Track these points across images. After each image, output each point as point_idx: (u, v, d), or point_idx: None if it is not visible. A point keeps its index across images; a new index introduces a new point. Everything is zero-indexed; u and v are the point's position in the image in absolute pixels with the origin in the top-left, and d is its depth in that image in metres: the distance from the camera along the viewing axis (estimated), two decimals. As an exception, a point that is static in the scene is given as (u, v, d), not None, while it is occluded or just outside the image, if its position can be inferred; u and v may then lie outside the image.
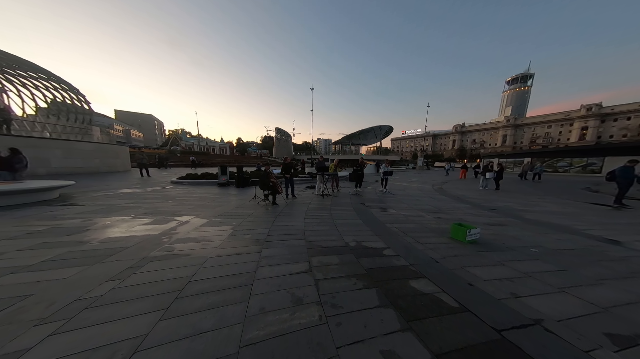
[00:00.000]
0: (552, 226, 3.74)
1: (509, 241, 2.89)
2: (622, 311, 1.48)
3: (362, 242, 2.69)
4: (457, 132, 75.49)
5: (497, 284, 1.80)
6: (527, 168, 14.00)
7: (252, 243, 2.58)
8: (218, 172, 8.62)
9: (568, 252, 2.54)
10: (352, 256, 2.26)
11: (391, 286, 1.72)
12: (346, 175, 12.37)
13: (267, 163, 5.61)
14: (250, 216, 3.90)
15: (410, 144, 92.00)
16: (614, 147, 19.22)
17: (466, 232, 2.83)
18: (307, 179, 11.08)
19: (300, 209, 4.64)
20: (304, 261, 2.12)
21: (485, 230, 3.39)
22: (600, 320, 1.38)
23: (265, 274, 1.85)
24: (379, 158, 35.77)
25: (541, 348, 1.15)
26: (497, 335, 1.22)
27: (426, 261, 2.21)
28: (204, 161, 26.06)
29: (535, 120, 58.41)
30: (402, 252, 2.43)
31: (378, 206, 5.25)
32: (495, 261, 2.28)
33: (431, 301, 1.54)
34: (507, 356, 1.10)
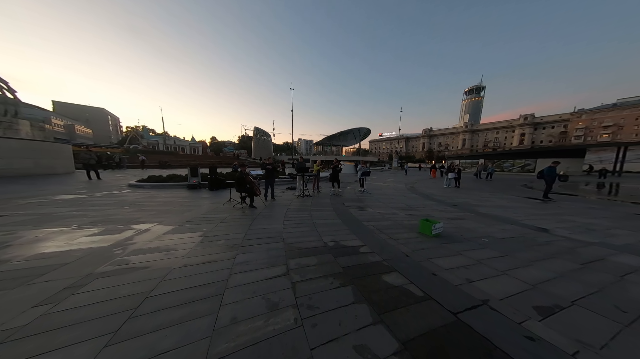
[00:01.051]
0: (498, 218, 4.38)
1: (466, 233, 3.29)
2: (545, 286, 1.82)
3: (340, 242, 2.75)
4: (426, 135, 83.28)
5: (455, 272, 2.03)
6: (480, 168, 16.17)
7: (225, 249, 2.42)
8: (188, 174, 7.87)
9: (509, 240, 3.01)
10: (330, 256, 2.30)
11: (366, 282, 1.80)
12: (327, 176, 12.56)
13: (243, 164, 5.34)
14: (225, 220, 3.66)
15: (386, 146, 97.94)
16: (543, 150, 23.53)
17: (432, 227, 3.13)
18: (288, 180, 10.91)
19: (280, 211, 4.54)
20: (281, 264, 2.08)
21: (448, 224, 3.80)
22: (530, 295, 1.67)
23: (238, 281, 1.75)
24: (357, 159, 37.23)
25: (486, 325, 1.33)
26: (453, 317, 1.38)
27: (398, 256, 2.37)
28: (171, 161, 23.53)
29: (486, 126, 68.03)
30: (377, 248, 2.56)
31: (357, 205, 5.44)
32: (455, 251, 2.56)
33: (400, 293, 1.66)
34: (461, 335, 1.25)
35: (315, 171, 7.84)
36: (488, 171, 15.24)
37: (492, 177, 15.17)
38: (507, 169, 22.47)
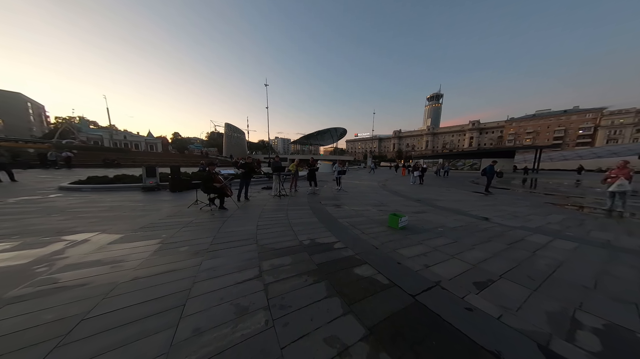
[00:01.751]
0: (452, 210, 5.07)
1: (426, 224, 3.71)
2: (482, 265, 2.20)
3: (315, 240, 2.80)
4: (396, 137, 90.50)
5: (416, 260, 2.29)
6: (439, 167, 18.41)
7: (189, 256, 2.21)
8: (143, 174, 6.85)
9: (459, 228, 3.52)
10: (305, 254, 2.32)
11: (338, 276, 1.88)
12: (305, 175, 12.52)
13: (212, 162, 4.90)
14: (189, 225, 3.33)
15: (361, 146, 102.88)
16: (486, 151, 28.04)
17: (398, 221, 3.44)
18: (264, 179, 10.51)
19: (254, 212, 4.35)
20: (253, 267, 2.00)
21: (412, 217, 4.23)
22: (471, 274, 2.00)
23: (204, 289, 1.63)
24: (335, 158, 38.18)
25: (437, 302, 1.55)
26: (412, 300, 1.56)
27: (368, 249, 2.54)
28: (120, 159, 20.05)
29: (444, 130, 77.64)
30: (350, 243, 2.69)
31: (333, 203, 5.59)
32: (416, 241, 2.88)
33: (369, 283, 1.78)
34: (418, 314, 1.42)
35: (292, 170, 7.75)
36: (445, 169, 17.44)
37: (449, 175, 17.43)
38: (460, 168, 26.14)
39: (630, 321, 1.39)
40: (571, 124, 52.87)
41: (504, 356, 1.09)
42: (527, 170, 20.82)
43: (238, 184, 5.54)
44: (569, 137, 52.65)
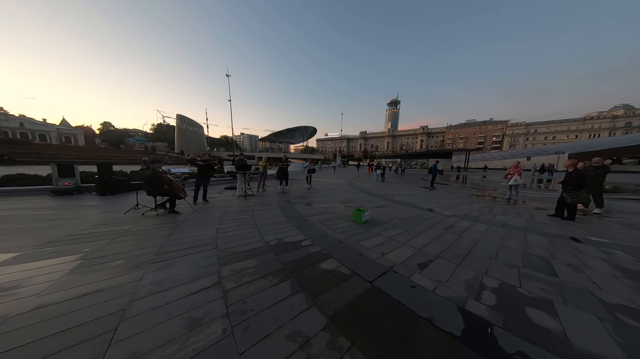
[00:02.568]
0: (405, 203, 5.84)
1: (385, 217, 4.16)
2: (425, 248, 2.63)
3: (283, 239, 2.76)
4: (362, 137, 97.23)
5: (375, 249, 2.55)
6: (397, 166, 20.80)
7: (125, 271, 1.85)
8: (53, 173, 5.26)
9: (410, 219, 4.09)
10: (271, 255, 2.27)
11: (304, 272, 1.92)
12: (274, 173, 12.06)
13: (158, 160, 4.16)
14: (127, 234, 2.77)
15: (331, 145, 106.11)
16: (432, 153, 33.22)
17: (362, 215, 3.74)
18: (228, 179, 9.62)
19: (214, 214, 3.95)
20: (211, 274, 1.83)
21: (373, 211, 4.66)
22: (416, 257, 2.37)
23: (145, 306, 1.40)
24: (306, 157, 38.21)
25: (389, 284, 1.78)
26: (369, 285, 1.75)
27: (334, 244, 2.68)
28: (13, 154, 14.78)
29: (401, 133, 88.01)
30: (317, 240, 2.77)
31: (303, 201, 5.60)
32: (376, 233, 3.20)
33: (333, 275, 1.89)
34: (373, 297, 1.60)
35: (261, 168, 7.35)
36: (402, 168, 19.82)
37: (405, 173, 19.89)
38: (413, 166, 30.22)
39: (514, 279, 1.93)
40: (488, 132, 68.09)
41: (435, 320, 1.36)
42: (459, 168, 25.82)
43: (194, 184, 4.92)
44: (487, 142, 67.70)
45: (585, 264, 2.26)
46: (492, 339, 1.22)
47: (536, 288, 1.78)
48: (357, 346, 1.13)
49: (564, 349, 1.17)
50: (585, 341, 1.23)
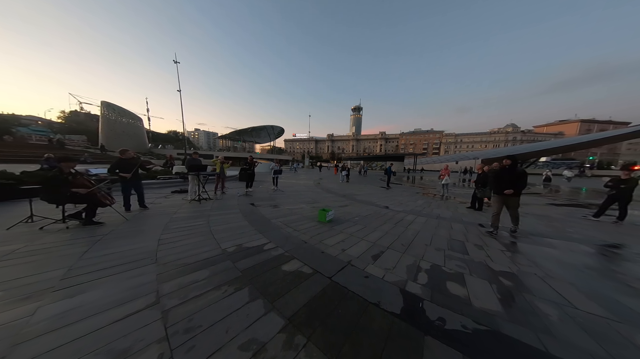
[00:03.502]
0: (366, 202, 6.41)
1: (347, 216, 4.47)
2: (379, 241, 2.97)
3: (243, 244, 2.60)
4: (330, 139, 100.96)
5: (336, 246, 2.71)
6: (361, 167, 22.57)
7: (7, 306, 1.36)
8: None
9: (369, 216, 4.53)
10: (228, 263, 2.10)
11: (265, 277, 1.87)
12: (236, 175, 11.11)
13: (68, 158, 3.20)
14: (12, 256, 2.04)
15: (300, 146, 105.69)
16: (389, 156, 37.53)
17: (326, 215, 3.90)
18: (176, 181, 8.29)
19: (156, 222, 3.35)
20: (146, 294, 1.56)
21: (338, 210, 4.92)
22: (371, 250, 2.66)
23: (33, 351, 1.07)
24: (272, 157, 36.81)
25: (347, 278, 1.94)
26: (329, 281, 1.86)
27: (298, 245, 2.70)
28: None
29: (364, 137, 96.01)
30: (281, 242, 2.74)
31: (268, 203, 5.39)
32: (339, 231, 3.40)
33: (295, 276, 1.92)
34: (332, 292, 1.71)
35: (217, 168, 6.64)
36: (365, 169, 21.61)
37: (367, 174, 21.76)
38: (374, 168, 33.38)
39: (440, 260, 2.41)
40: (430, 139, 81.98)
41: (382, 304, 1.57)
42: (409, 170, 30.19)
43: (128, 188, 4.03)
44: (429, 148, 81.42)
45: (485, 243, 3.04)
46: (422, 311, 1.50)
47: (454, 265, 2.29)
48: (313, 341, 1.19)
49: (467, 309, 1.56)
50: (480, 300, 1.67)
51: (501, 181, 3.38)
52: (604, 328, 1.39)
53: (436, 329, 1.33)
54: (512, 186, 3.26)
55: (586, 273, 2.19)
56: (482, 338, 1.28)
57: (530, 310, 1.56)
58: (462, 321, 1.41)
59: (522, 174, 3.27)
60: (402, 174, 26.88)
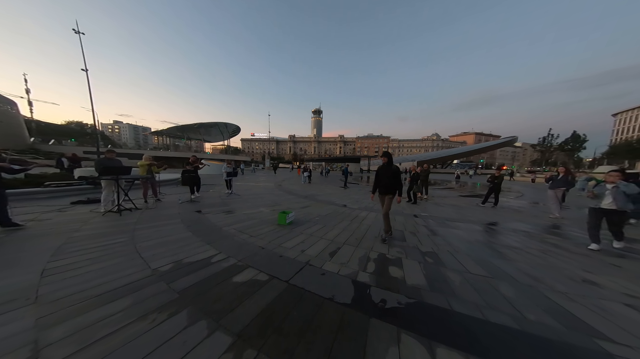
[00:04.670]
0: (326, 201, 6.69)
1: (308, 216, 4.53)
2: (336, 238, 3.15)
3: (183, 260, 2.21)
4: (291, 140, 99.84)
5: (296, 248, 2.71)
6: (322, 168, 23.38)
7: None
8: None
9: (328, 215, 4.74)
10: (160, 285, 1.74)
11: (210, 294, 1.66)
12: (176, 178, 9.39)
13: None
14: None
15: (259, 146, 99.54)
16: (347, 158, 40.52)
17: (286, 217, 3.83)
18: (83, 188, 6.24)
19: (40, 246, 2.42)
20: (16, 348, 1.10)
21: (299, 212, 4.93)
22: (329, 247, 2.79)
23: None
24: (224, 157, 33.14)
25: (304, 278, 1.97)
26: (285, 285, 1.83)
27: (254, 252, 2.53)
28: None
29: (325, 139, 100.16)
30: (234, 251, 2.49)
31: (220, 210, 4.81)
32: (299, 232, 3.40)
33: (248, 286, 1.79)
34: (288, 295, 1.69)
35: (142, 170, 5.35)
36: (326, 170, 22.49)
37: (328, 175, 22.72)
38: (335, 169, 35.26)
39: (385, 249, 2.80)
40: (380, 144, 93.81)
41: (336, 297, 1.68)
42: (362, 170, 33.65)
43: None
44: (380, 151, 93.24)
45: (417, 230, 3.74)
46: (368, 296, 1.70)
47: (395, 251, 2.70)
48: (265, 351, 1.14)
49: (403, 287, 1.87)
50: (412, 278, 2.04)
51: (378, 178, 3.16)
52: (484, 284, 1.97)
53: (379, 310, 1.54)
54: (389, 183, 3.02)
55: (476, 245, 3.04)
56: (412, 309, 1.57)
57: (443, 279, 2.03)
58: (398, 299, 1.68)
59: (397, 172, 3.03)
60: (358, 174, 29.54)
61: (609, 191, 2.76)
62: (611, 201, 2.76)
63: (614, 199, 2.76)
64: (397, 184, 3.02)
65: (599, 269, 2.36)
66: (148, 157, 5.58)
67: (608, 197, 2.77)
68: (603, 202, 2.84)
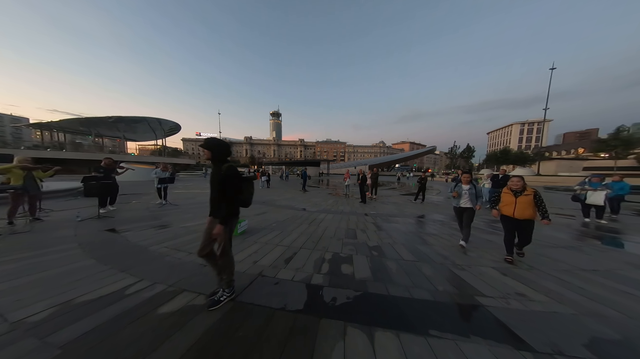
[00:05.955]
0: (285, 206, 6.52)
1: (264, 223, 4.27)
2: (293, 243, 3.10)
3: (74, 300, 1.62)
4: (248, 143, 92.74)
5: (247, 260, 2.48)
6: (282, 172, 22.78)
7: None
8: None
9: (286, 221, 4.62)
10: (28, 342, 1.21)
11: (119, 337, 1.27)
12: (75, 188, 6.98)
13: None
14: None
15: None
16: (307, 161, 41.11)
17: (237, 227, 3.47)
18: None
19: None
20: None
21: (254, 219, 4.58)
22: (285, 254, 2.71)
23: None
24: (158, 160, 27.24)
25: (255, 292, 1.82)
26: (231, 304, 1.63)
27: (192, 271, 2.15)
28: None
29: (285, 143, 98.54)
30: (163, 275, 2.04)
31: (148, 225, 3.86)
32: (252, 241, 3.15)
33: (181, 316, 1.49)
34: (233, 315, 1.51)
35: (15, 179, 3.70)
36: (286, 174, 22.03)
37: (288, 179, 22.31)
38: (295, 173, 35.03)
39: (339, 248, 2.97)
40: (338, 148, 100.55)
41: (288, 306, 1.64)
42: (321, 174, 35.15)
43: None
44: (338, 156, 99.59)
45: (367, 227, 4.19)
46: (320, 298, 1.76)
47: (348, 249, 2.92)
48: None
49: (351, 282, 2.03)
50: (360, 272, 2.25)
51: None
52: (412, 268, 2.40)
53: (329, 309, 1.61)
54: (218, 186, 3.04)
55: (409, 235, 3.69)
56: (358, 302, 1.73)
57: (384, 269, 2.35)
58: (347, 294, 1.81)
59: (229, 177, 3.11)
60: (316, 177, 30.48)
61: (465, 191, 3.02)
62: (466, 199, 3.00)
63: (469, 198, 2.97)
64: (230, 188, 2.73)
65: (477, 244, 3.32)
66: (24, 159, 3.89)
67: (464, 196, 3.03)
68: (461, 201, 3.07)
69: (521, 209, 2.47)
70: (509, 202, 2.57)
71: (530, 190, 2.50)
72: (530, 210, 2.45)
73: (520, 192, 2.52)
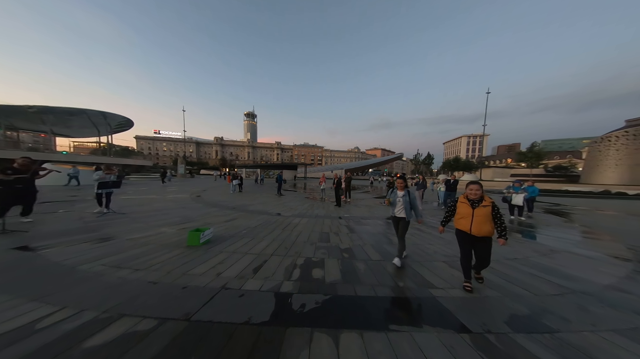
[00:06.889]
0: (258, 211, 6.19)
1: (233, 230, 3.97)
2: (264, 251, 2.96)
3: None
4: (218, 143, 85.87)
5: (210, 272, 2.25)
6: (256, 176, 21.73)
7: None
8: None
9: (258, 227, 4.38)
10: None
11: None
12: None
13: None
14: None
15: (169, 148, 77.44)
16: (285, 165, 40.31)
17: (199, 236, 3.13)
18: None
19: None
20: None
21: (221, 226, 4.21)
22: (254, 262, 2.56)
23: None
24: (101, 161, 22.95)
25: (216, 308, 1.66)
26: (185, 324, 1.44)
27: (137, 291, 1.84)
28: None
29: (260, 145, 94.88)
30: (96, 300, 1.68)
31: (80, 238, 3.18)
32: (218, 251, 2.88)
33: (116, 346, 1.23)
34: (188, 338, 1.33)
35: None
36: (261, 177, 21.09)
37: (264, 182, 21.40)
38: (271, 176, 33.87)
39: (312, 253, 2.96)
40: (315, 152, 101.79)
41: (253, 319, 1.54)
42: (296, 177, 35.04)
43: None
44: (315, 159, 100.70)
45: (340, 230, 4.30)
46: (289, 306, 1.71)
47: (320, 253, 2.93)
48: None
49: (322, 286, 2.05)
50: (330, 276, 2.28)
51: None
52: (379, 267, 2.55)
53: (296, 317, 1.57)
54: None
55: (377, 236, 3.93)
56: (327, 306, 1.74)
57: (354, 270, 2.43)
58: (316, 299, 1.81)
59: None
60: (292, 181, 30.12)
61: (399, 198, 2.67)
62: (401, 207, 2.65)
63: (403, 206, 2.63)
64: None
65: (432, 241, 3.75)
66: None
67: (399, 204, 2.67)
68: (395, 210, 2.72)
69: (478, 223, 1.99)
70: (466, 215, 2.07)
71: (489, 200, 2.04)
72: (488, 225, 1.98)
73: (477, 203, 2.04)
